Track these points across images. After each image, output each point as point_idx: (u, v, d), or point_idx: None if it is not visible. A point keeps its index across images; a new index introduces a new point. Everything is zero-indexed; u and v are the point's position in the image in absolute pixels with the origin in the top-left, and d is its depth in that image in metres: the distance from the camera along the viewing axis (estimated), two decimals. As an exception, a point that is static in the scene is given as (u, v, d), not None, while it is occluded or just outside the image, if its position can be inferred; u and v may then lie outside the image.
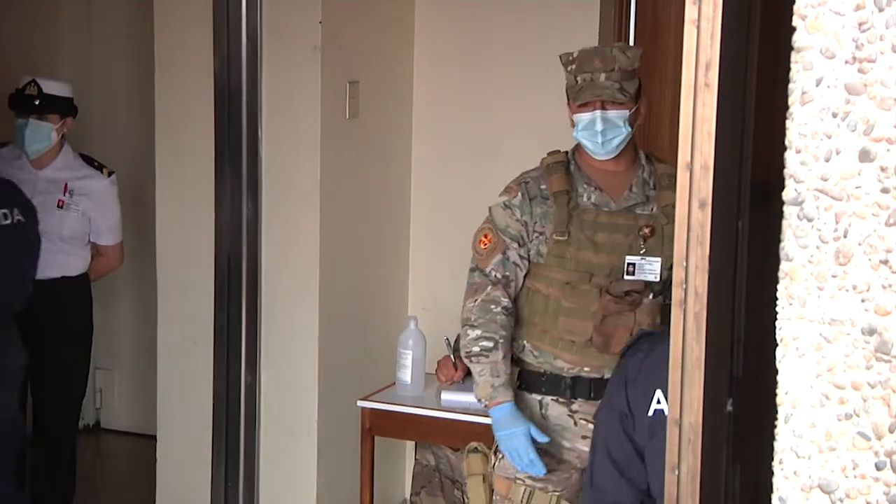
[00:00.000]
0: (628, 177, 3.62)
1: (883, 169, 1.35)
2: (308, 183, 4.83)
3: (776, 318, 1.42)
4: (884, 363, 1.37)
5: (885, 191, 1.36)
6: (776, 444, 1.43)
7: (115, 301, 6.14)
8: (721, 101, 1.50)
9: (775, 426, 1.43)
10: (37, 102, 4.81)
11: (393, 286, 5.33)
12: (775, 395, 1.43)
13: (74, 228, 4.94)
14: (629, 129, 3.51)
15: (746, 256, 1.56)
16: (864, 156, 1.36)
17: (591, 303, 3.54)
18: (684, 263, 1.57)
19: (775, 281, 1.42)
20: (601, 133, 3.48)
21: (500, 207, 3.65)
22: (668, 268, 3.45)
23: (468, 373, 4.64)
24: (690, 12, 1.53)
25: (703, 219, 1.54)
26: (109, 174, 5.02)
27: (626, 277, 3.57)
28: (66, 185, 4.90)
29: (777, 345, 1.42)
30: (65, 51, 5.91)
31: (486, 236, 3.62)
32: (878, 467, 1.38)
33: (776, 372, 1.42)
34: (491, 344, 3.53)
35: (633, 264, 3.58)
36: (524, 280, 3.62)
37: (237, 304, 4.96)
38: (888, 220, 1.36)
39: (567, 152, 3.69)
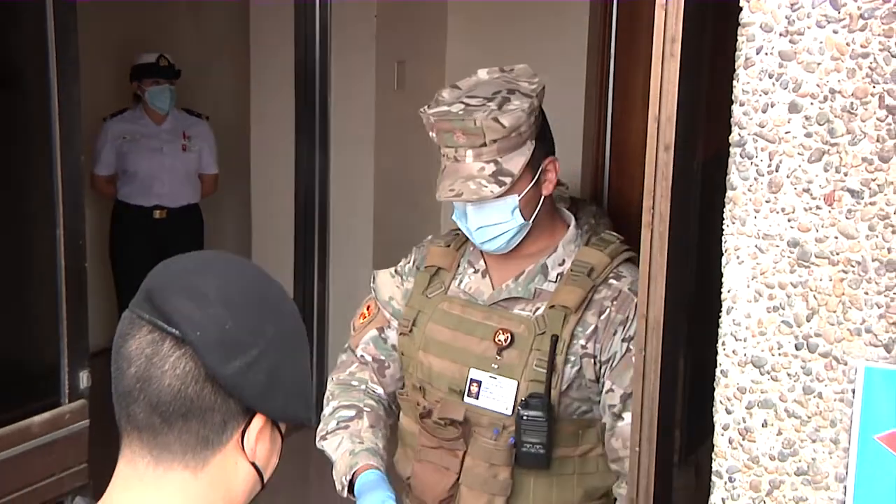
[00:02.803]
0: (528, 262, 2.00)
1: (807, 118, 1.34)
2: (365, 138, 4.83)
3: (722, 234, 1.41)
4: (804, 268, 1.37)
5: (808, 135, 1.35)
6: (720, 331, 1.44)
7: (220, 226, 6.15)
8: (682, 67, 1.49)
9: (720, 316, 1.44)
10: (168, 71, 4.82)
11: (428, 219, 5.33)
12: (720, 292, 1.43)
13: (194, 164, 4.98)
14: (522, 219, 1.93)
15: (700, 187, 1.55)
16: (793, 108, 1.35)
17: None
18: (652, 193, 1.56)
19: (722, 205, 1.42)
20: (479, 232, 1.95)
21: (389, 275, 2.25)
22: (528, 396, 1.91)
23: None
24: (660, -2, 1.52)
25: (667, 158, 1.52)
26: (206, 118, 5.04)
27: (465, 399, 1.98)
28: (184, 132, 4.91)
29: (723, 254, 1.42)
30: (178, 30, 5.87)
31: (367, 308, 2.23)
32: (797, 347, 1.39)
33: (721, 275, 1.42)
34: (352, 413, 2.10)
35: (479, 382, 1.98)
36: None
37: (311, 229, 4.98)
38: (810, 158, 1.35)
39: None
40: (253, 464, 1.09)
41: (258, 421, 1.08)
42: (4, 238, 2.51)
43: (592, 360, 1.95)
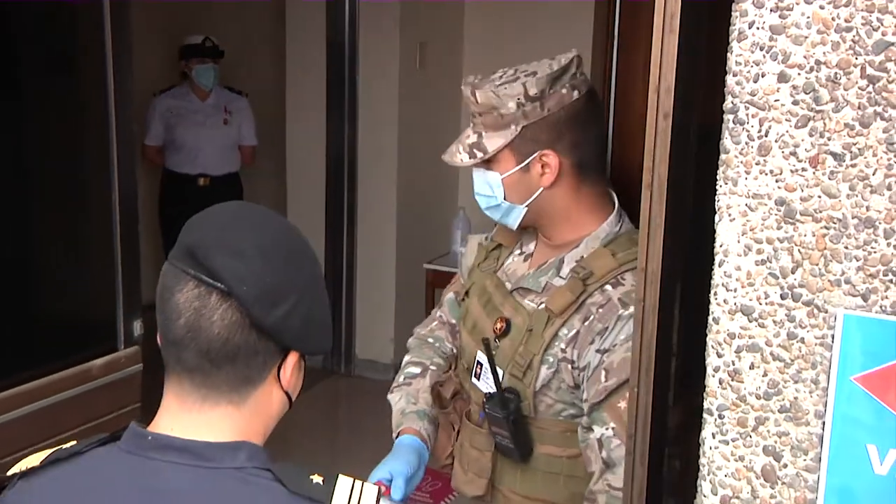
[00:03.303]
0: (555, 253, 1.86)
1: (794, 87, 1.33)
2: (389, 112, 4.84)
3: (716, 194, 1.41)
4: (790, 225, 1.37)
5: (795, 103, 1.34)
6: (712, 281, 1.44)
7: (258, 193, 6.17)
8: (681, 40, 1.48)
9: (712, 269, 1.44)
10: (213, 51, 4.83)
11: (447, 185, 5.33)
12: (713, 247, 1.43)
13: (234, 137, 5.00)
14: (508, 201, 1.82)
15: (695, 150, 1.55)
16: (782, 78, 1.34)
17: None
18: (652, 157, 1.56)
19: (716, 167, 1.41)
20: (476, 198, 1.89)
21: (477, 242, 2.08)
22: (506, 389, 1.81)
23: None
24: (661, -23, 1.51)
25: (665, 125, 1.52)
26: (246, 95, 5.05)
27: (472, 378, 1.93)
28: (225, 107, 4.92)
29: (716, 212, 1.42)
30: (222, 14, 5.86)
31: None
32: (783, 297, 1.39)
33: (714, 231, 1.42)
34: (418, 370, 2.02)
35: (480, 364, 1.89)
36: None
37: (340, 195, 5.00)
38: (797, 124, 1.34)
39: None
40: (286, 392, 1.14)
41: (292, 357, 1.12)
42: (68, 203, 2.54)
43: (570, 366, 1.79)
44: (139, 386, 2.51)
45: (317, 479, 1.07)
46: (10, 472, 1.14)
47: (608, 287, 1.79)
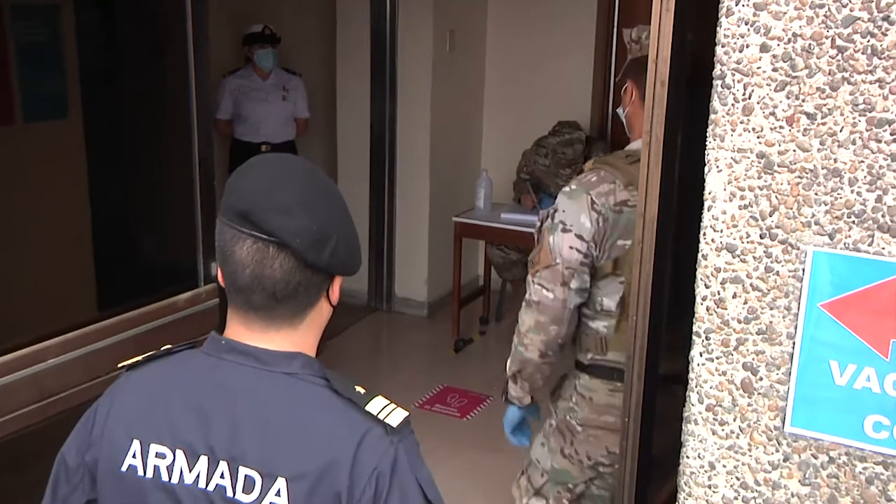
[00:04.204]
0: None
1: (774, 56, 1.32)
2: (423, 89, 4.80)
3: (705, 148, 1.41)
4: (768, 175, 1.36)
5: (774, 70, 1.33)
6: (702, 224, 1.43)
7: (311, 159, 6.17)
8: (675, 19, 1.47)
9: (702, 213, 1.44)
10: (271, 38, 4.81)
11: (472, 151, 5.31)
12: (703, 194, 1.43)
13: (290, 110, 4.96)
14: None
15: (689, 111, 1.54)
16: (764, 48, 1.33)
17: None
18: (650, 120, 1.55)
19: (706, 126, 1.41)
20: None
21: None
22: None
23: (539, 200, 4.39)
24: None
25: (662, 92, 1.51)
26: (300, 75, 5.02)
27: None
28: (283, 86, 4.90)
29: (706, 164, 1.41)
30: (279, 4, 5.83)
31: None
32: (761, 236, 1.39)
33: (704, 180, 1.42)
34: None
35: None
36: None
37: (382, 160, 4.99)
38: (775, 88, 1.33)
39: None
40: (333, 305, 1.17)
41: (339, 279, 1.15)
42: (159, 166, 2.57)
43: None
44: (216, 316, 2.53)
45: (360, 389, 1.11)
46: (119, 365, 1.21)
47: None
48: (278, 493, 1.05)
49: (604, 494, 2.05)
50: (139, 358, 1.19)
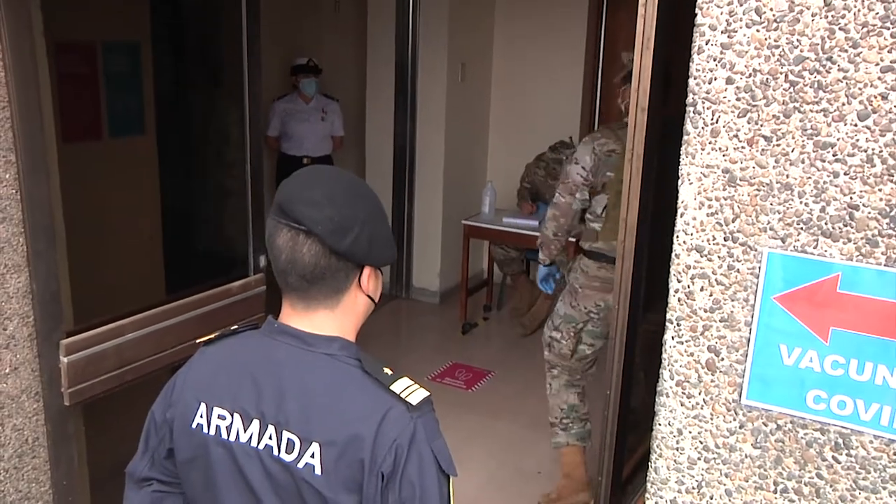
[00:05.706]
0: None
1: (738, 88, 1.32)
2: (438, 113, 4.80)
3: (679, 165, 1.41)
4: (732, 188, 1.36)
5: (738, 99, 1.32)
6: (675, 228, 1.42)
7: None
8: (655, 55, 1.46)
9: (675, 219, 1.43)
10: (314, 69, 4.82)
11: (479, 164, 5.31)
12: (676, 203, 1.42)
13: (328, 129, 4.97)
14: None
15: (661, 133, 1.53)
16: (729, 81, 1.32)
17: None
18: (632, 140, 1.55)
19: (679, 146, 1.41)
20: None
21: None
22: None
23: (536, 208, 4.44)
24: None
25: (642, 117, 1.51)
26: (337, 100, 5.03)
27: None
28: (323, 109, 4.91)
29: (679, 178, 1.41)
30: (322, 40, 5.83)
31: None
32: (725, 239, 1.38)
33: (678, 192, 1.41)
34: None
35: None
36: None
37: (403, 174, 4.98)
38: (738, 114, 1.33)
39: None
40: (368, 295, 1.15)
41: (367, 269, 1.13)
42: (218, 174, 2.58)
43: None
44: (263, 301, 2.54)
45: (388, 370, 1.10)
46: (198, 341, 1.22)
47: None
48: (313, 456, 1.06)
49: (594, 331, 2.71)
50: (212, 336, 1.20)
